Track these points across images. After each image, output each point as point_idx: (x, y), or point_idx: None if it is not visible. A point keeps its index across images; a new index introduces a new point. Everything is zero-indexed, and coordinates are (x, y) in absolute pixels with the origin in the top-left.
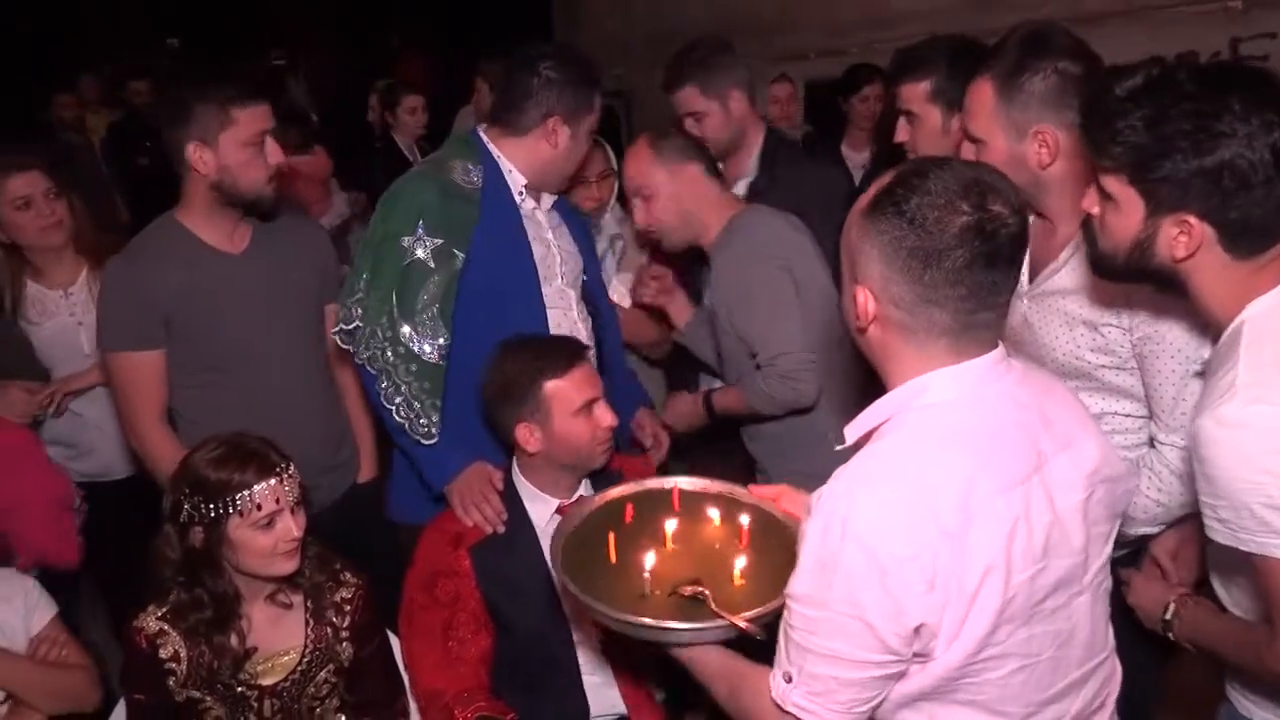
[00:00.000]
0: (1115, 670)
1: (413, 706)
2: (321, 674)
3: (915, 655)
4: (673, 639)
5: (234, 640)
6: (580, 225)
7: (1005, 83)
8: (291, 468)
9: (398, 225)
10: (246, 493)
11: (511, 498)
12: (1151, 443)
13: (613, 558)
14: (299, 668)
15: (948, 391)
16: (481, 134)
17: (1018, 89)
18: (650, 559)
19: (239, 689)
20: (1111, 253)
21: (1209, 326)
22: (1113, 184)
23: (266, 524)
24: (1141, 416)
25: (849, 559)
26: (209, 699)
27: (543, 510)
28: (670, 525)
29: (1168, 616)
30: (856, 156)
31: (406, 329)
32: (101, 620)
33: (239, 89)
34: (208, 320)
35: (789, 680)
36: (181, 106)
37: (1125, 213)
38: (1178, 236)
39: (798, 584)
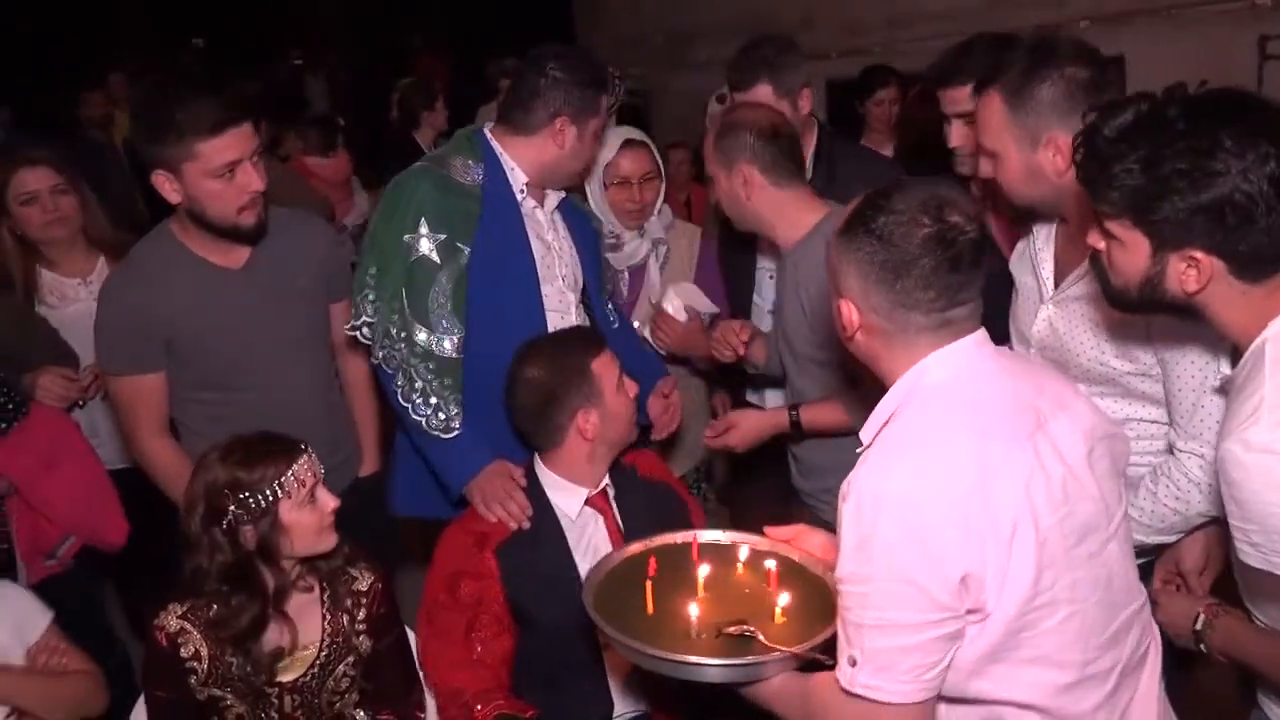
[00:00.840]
0: (1152, 623)
1: (430, 703)
2: (340, 667)
3: (969, 612)
4: (740, 676)
5: (271, 636)
6: (585, 230)
7: (1013, 93)
8: (308, 446)
9: (400, 223)
10: (289, 473)
11: (535, 493)
12: (1170, 449)
13: (649, 608)
14: (318, 661)
15: (946, 369)
16: (487, 133)
17: (1027, 97)
18: (694, 606)
19: (260, 685)
20: (1123, 289)
21: (1229, 342)
22: (1115, 227)
23: (310, 499)
24: (1165, 423)
25: (885, 528)
26: (230, 697)
27: (571, 502)
28: (702, 572)
29: (1199, 628)
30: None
31: (419, 327)
32: (117, 612)
33: (205, 119)
34: (209, 341)
35: (854, 664)
36: (145, 133)
37: (1131, 251)
38: (1186, 271)
39: (843, 566)
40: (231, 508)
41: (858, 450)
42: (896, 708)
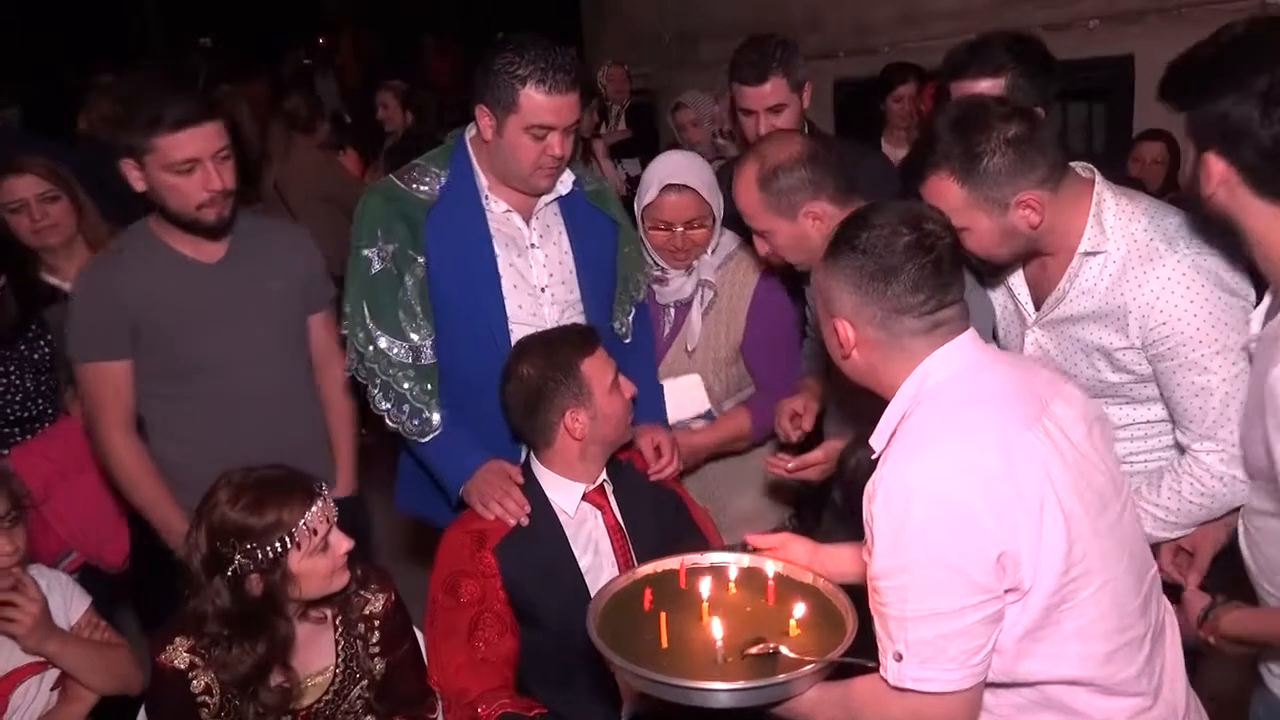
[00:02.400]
0: (1162, 592)
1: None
2: (355, 690)
3: (1008, 591)
4: (778, 695)
5: (280, 679)
6: (598, 230)
7: (965, 172)
8: (324, 485)
9: (359, 238)
10: (302, 521)
11: (533, 490)
12: (1180, 449)
13: (664, 641)
14: (332, 687)
15: (947, 367)
16: (466, 135)
17: (980, 174)
18: (717, 627)
19: (273, 715)
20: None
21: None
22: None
23: (323, 547)
24: (1168, 420)
25: (917, 516)
26: None
27: (568, 499)
28: (705, 591)
29: (1207, 614)
30: (897, 154)
31: (384, 335)
32: (130, 620)
33: (167, 115)
34: (176, 332)
35: (899, 659)
36: (115, 121)
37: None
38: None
39: (878, 562)
40: (238, 558)
41: (872, 457)
42: (948, 697)
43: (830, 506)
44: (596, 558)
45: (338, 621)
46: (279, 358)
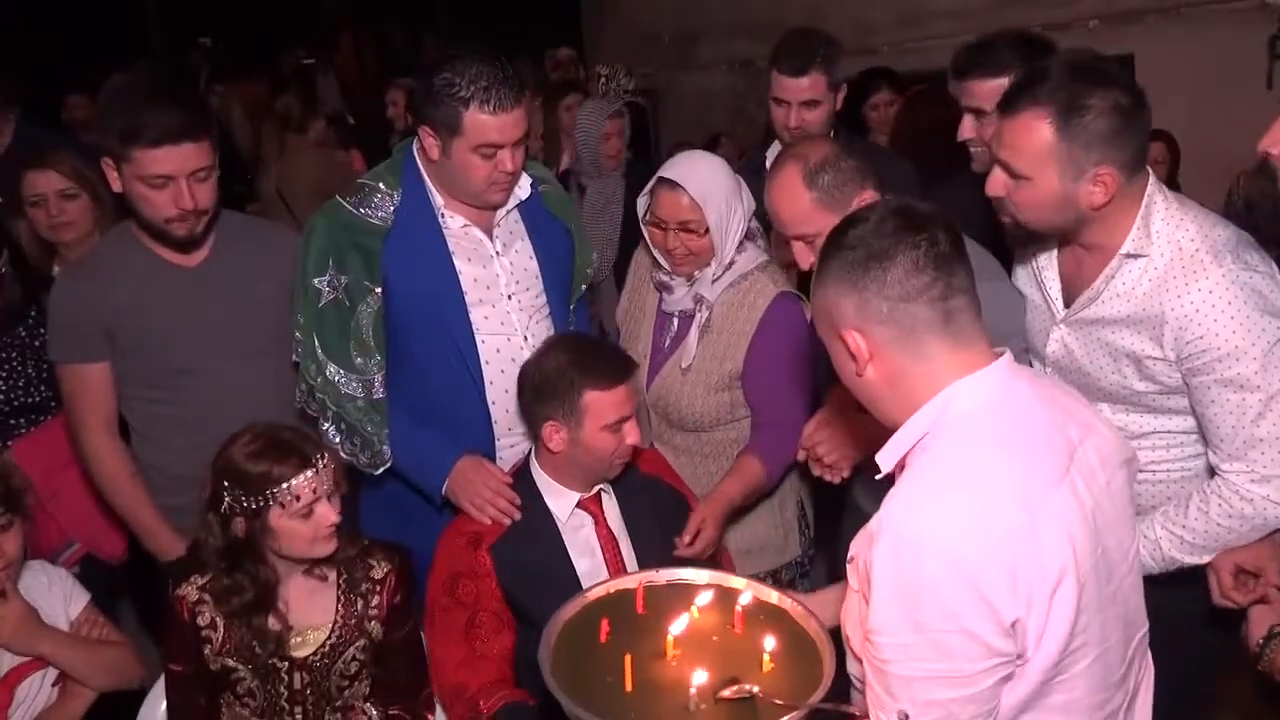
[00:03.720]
0: (1147, 650)
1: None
2: (350, 650)
3: (1017, 657)
4: None
5: (272, 622)
6: (552, 234)
7: (1065, 120)
8: (327, 458)
9: (309, 267)
10: (286, 485)
11: (530, 490)
12: (1210, 471)
13: (628, 685)
14: (329, 641)
15: (977, 396)
16: (415, 150)
17: (1080, 128)
18: (700, 674)
19: (271, 661)
20: None
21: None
22: None
23: (306, 514)
24: (1193, 432)
25: (931, 573)
26: (243, 668)
27: (563, 505)
28: (676, 628)
29: (1265, 639)
30: None
31: (332, 367)
32: (129, 612)
33: (147, 130)
34: (154, 336)
35: (907, 719)
36: (98, 120)
37: None
38: None
39: (880, 616)
40: (228, 498)
41: (877, 478)
42: None
43: (849, 510)
44: (594, 561)
45: (341, 581)
46: (262, 361)
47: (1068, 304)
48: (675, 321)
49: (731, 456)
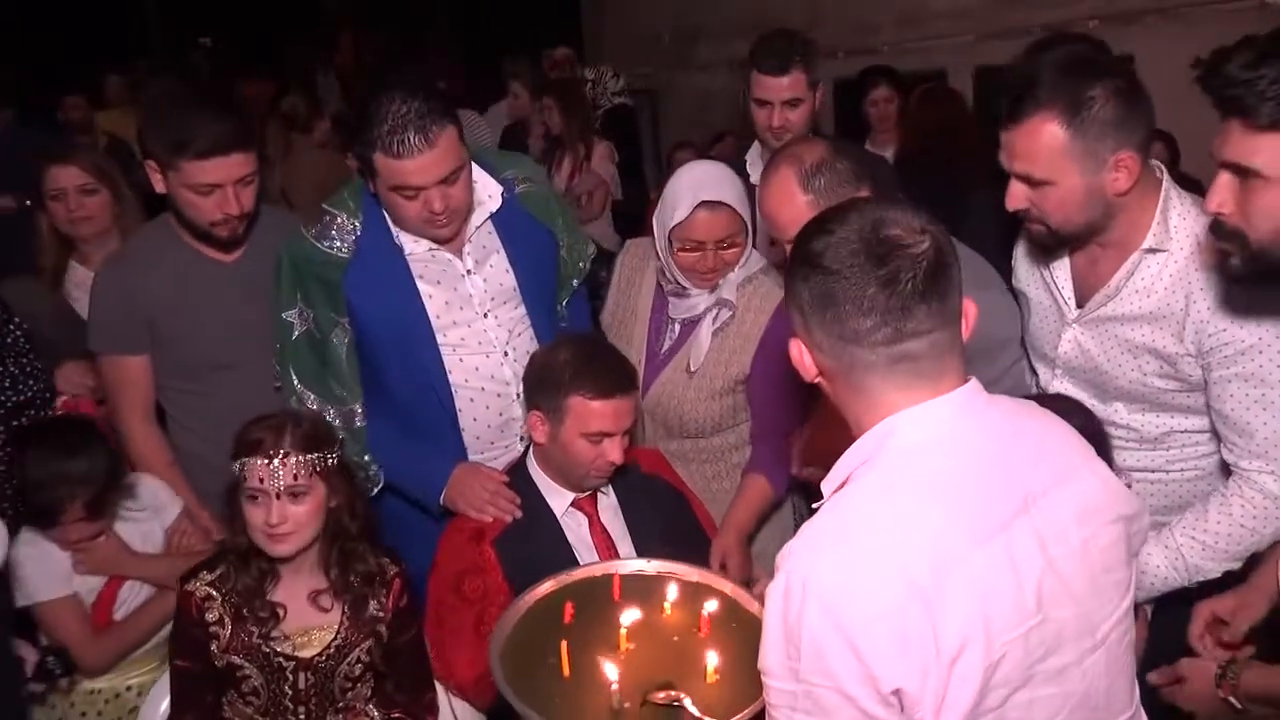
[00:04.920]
0: None
1: (442, 703)
2: (355, 653)
3: None
4: None
5: (276, 609)
6: (532, 241)
7: (1073, 115)
8: (291, 459)
9: (278, 300)
10: (250, 461)
11: (527, 486)
12: (1227, 470)
13: (565, 670)
14: (334, 643)
15: (916, 432)
16: None
17: (1090, 120)
18: (611, 669)
19: (277, 659)
20: (1275, 239)
21: None
22: (1266, 152)
23: (254, 500)
24: (1208, 430)
25: (812, 624)
26: (248, 666)
27: (559, 502)
28: (627, 618)
29: (1224, 676)
30: (884, 155)
31: (314, 399)
32: None
33: (195, 143)
34: (192, 329)
35: None
36: (146, 126)
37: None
38: None
39: (769, 656)
40: (235, 461)
41: (815, 505)
42: None
43: None
44: (593, 556)
45: (347, 583)
46: None
47: (1080, 304)
48: (677, 326)
49: (730, 461)
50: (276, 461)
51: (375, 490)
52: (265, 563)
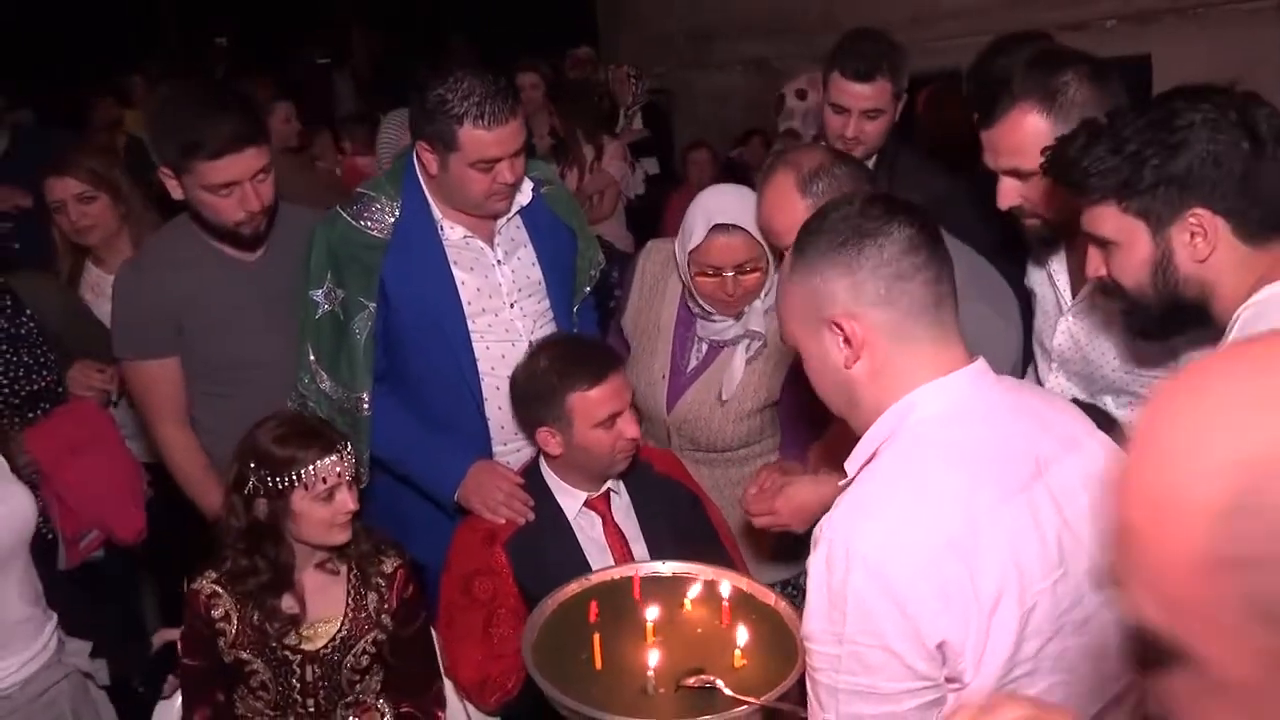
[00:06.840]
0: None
1: (449, 700)
2: (361, 644)
3: (949, 680)
4: None
5: (286, 603)
6: (554, 238)
7: (1051, 102)
8: (349, 446)
9: (310, 278)
10: (311, 467)
11: (540, 489)
12: None
13: (598, 662)
14: (339, 635)
15: (935, 405)
16: (414, 162)
17: (1067, 104)
18: (653, 654)
19: (284, 653)
20: (1139, 292)
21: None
22: (1108, 221)
23: (327, 497)
24: None
25: (858, 587)
26: (256, 661)
27: (571, 504)
28: (650, 614)
29: None
30: None
31: (328, 380)
32: (151, 599)
33: (207, 142)
34: (216, 329)
35: None
36: (154, 132)
37: (1131, 243)
38: (1192, 240)
39: (812, 622)
40: (253, 479)
41: (840, 483)
42: None
43: None
44: (605, 560)
45: (352, 575)
46: None
47: (1074, 295)
48: (704, 346)
49: (755, 467)
50: (345, 451)
51: (405, 454)
52: (288, 570)
